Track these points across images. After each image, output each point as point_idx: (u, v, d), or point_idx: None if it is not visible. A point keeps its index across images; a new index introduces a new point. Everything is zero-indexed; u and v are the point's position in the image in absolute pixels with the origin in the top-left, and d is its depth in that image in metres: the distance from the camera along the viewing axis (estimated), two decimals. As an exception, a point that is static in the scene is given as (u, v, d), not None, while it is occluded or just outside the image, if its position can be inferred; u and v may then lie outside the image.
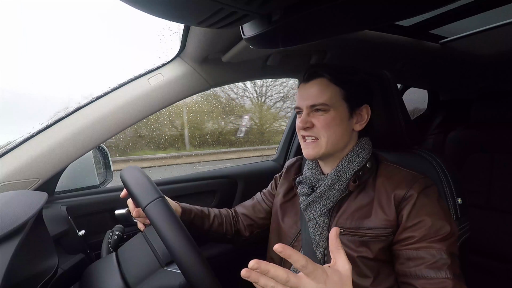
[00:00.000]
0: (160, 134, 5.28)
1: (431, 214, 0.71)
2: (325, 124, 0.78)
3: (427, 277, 0.66)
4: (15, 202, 0.63)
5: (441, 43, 1.31)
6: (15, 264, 0.50)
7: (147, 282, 0.68)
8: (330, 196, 0.80)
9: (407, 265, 0.70)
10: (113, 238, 0.91)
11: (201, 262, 0.55)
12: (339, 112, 0.79)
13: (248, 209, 1.05)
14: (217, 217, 1.00)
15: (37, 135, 0.91)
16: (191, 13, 0.51)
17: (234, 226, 1.02)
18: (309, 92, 0.81)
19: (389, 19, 0.48)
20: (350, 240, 0.76)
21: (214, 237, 1.00)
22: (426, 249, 0.68)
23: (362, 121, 0.83)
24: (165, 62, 1.07)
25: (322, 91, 0.79)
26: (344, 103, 0.80)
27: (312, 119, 0.80)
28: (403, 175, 0.78)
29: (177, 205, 0.91)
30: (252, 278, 0.46)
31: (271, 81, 6.67)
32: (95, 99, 0.98)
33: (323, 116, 0.79)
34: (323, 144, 0.79)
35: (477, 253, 1.51)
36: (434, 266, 0.66)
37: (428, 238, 0.69)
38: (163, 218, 0.59)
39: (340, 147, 0.82)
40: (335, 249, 0.54)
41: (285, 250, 0.47)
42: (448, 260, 0.67)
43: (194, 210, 0.95)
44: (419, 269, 0.67)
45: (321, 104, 0.78)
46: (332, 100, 0.79)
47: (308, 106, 0.80)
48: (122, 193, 0.84)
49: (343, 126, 0.80)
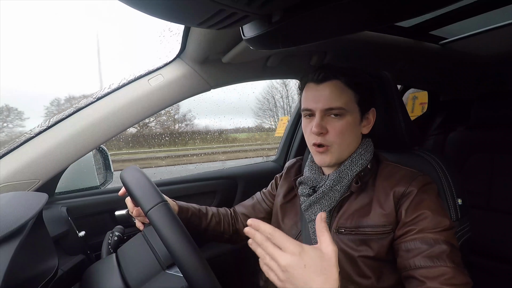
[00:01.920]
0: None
1: (430, 209, 0.71)
2: (340, 131, 0.76)
3: (426, 266, 0.65)
4: (15, 203, 0.63)
5: (441, 44, 1.32)
6: (15, 265, 0.50)
7: (148, 284, 0.68)
8: (332, 196, 0.80)
9: (406, 256, 0.69)
10: (113, 239, 0.91)
11: (204, 268, 0.55)
12: (353, 117, 0.78)
13: (248, 208, 1.05)
14: (214, 216, 0.99)
15: (37, 136, 0.91)
16: (192, 14, 0.51)
17: (232, 226, 1.02)
18: (323, 95, 0.77)
19: (389, 20, 0.48)
20: (351, 239, 0.76)
21: (212, 236, 0.99)
22: (423, 239, 0.68)
23: (369, 125, 0.83)
24: (166, 63, 1.07)
25: (339, 95, 0.76)
26: (357, 108, 0.79)
27: (327, 124, 0.77)
28: (402, 173, 0.78)
29: (174, 203, 0.90)
30: (250, 233, 0.54)
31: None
32: (95, 100, 0.98)
33: (338, 122, 0.76)
34: (335, 152, 0.78)
35: (477, 254, 1.50)
36: (431, 255, 0.65)
37: (427, 230, 0.69)
38: (166, 224, 0.59)
39: (350, 152, 0.81)
40: (320, 231, 0.54)
41: (254, 223, 0.54)
42: (446, 249, 0.65)
43: (191, 208, 0.94)
44: (417, 259, 0.66)
45: (339, 108, 0.76)
46: (348, 105, 0.77)
47: (323, 110, 0.77)
48: (120, 191, 0.84)
49: (355, 131, 0.79)
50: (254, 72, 1.20)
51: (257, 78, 1.31)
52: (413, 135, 0.93)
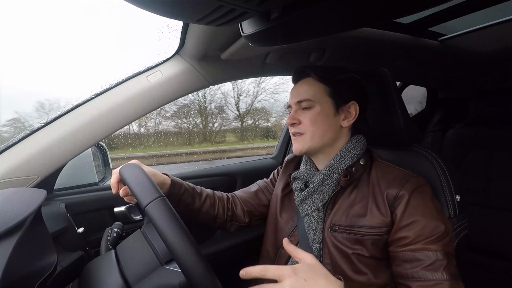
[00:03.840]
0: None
1: (425, 215, 0.71)
2: (310, 119, 0.82)
3: (424, 279, 0.67)
4: (13, 199, 0.63)
5: (440, 41, 1.31)
6: (14, 261, 0.50)
7: (147, 280, 0.68)
8: (323, 191, 0.81)
9: (404, 267, 0.70)
10: (112, 236, 0.91)
11: (201, 261, 0.55)
12: (324, 108, 0.82)
13: (250, 195, 1.04)
14: (209, 197, 0.96)
15: (36, 132, 0.91)
16: (190, 10, 0.51)
17: (228, 210, 0.98)
18: (298, 91, 0.86)
19: (388, 17, 0.48)
20: (345, 237, 0.77)
21: (204, 219, 0.95)
22: (422, 251, 0.69)
23: (349, 118, 0.85)
24: (164, 60, 1.06)
25: (308, 89, 0.84)
26: (330, 100, 0.83)
27: (299, 116, 0.84)
28: (395, 174, 0.79)
29: (167, 177, 0.87)
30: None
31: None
32: (94, 96, 0.97)
33: (308, 111, 0.83)
34: (308, 139, 0.82)
35: (474, 251, 1.51)
36: (430, 268, 0.67)
37: (423, 239, 0.69)
38: (163, 218, 0.59)
39: (326, 142, 0.83)
40: (293, 251, 0.64)
41: (245, 274, 0.59)
42: (444, 261, 0.67)
43: (184, 185, 0.91)
44: (415, 271, 0.68)
45: (306, 100, 0.82)
46: (316, 96, 0.82)
47: (295, 103, 0.85)
48: (121, 192, 0.80)
49: (328, 121, 0.82)
50: (253, 69, 1.20)
51: (256, 75, 1.31)
52: (411, 132, 0.93)
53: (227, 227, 1.00)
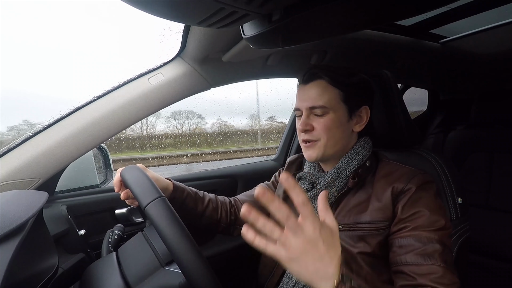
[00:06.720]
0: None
1: (428, 208, 0.71)
2: (324, 127, 0.79)
3: (417, 263, 0.66)
4: (15, 201, 0.63)
5: (442, 43, 1.31)
6: (16, 263, 0.50)
7: (147, 281, 0.68)
8: (330, 192, 0.81)
9: (398, 252, 0.69)
10: (113, 238, 0.91)
11: (201, 261, 0.55)
12: (338, 114, 0.80)
13: (253, 198, 1.02)
14: (212, 202, 0.95)
15: (38, 135, 0.91)
16: (192, 12, 0.51)
17: (231, 214, 0.98)
18: (308, 94, 0.81)
19: (389, 19, 0.48)
20: (348, 235, 0.77)
21: (207, 223, 0.94)
22: (417, 237, 0.68)
23: (361, 122, 0.84)
24: (166, 62, 1.07)
25: (321, 94, 0.79)
26: (343, 105, 0.80)
27: (312, 122, 0.81)
28: (403, 171, 0.78)
29: (169, 182, 0.86)
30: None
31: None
32: (95, 98, 0.98)
33: (322, 118, 0.80)
34: (322, 146, 0.80)
35: (476, 253, 1.50)
36: (423, 253, 0.66)
37: (422, 228, 0.69)
38: (163, 218, 0.59)
39: (339, 149, 0.82)
40: (324, 209, 0.51)
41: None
42: (439, 248, 0.66)
43: (187, 189, 0.90)
44: (409, 256, 0.67)
45: (321, 107, 0.79)
46: (331, 103, 0.79)
47: (307, 108, 0.81)
48: (122, 195, 0.80)
49: (342, 128, 0.81)
50: (254, 71, 1.20)
51: (257, 77, 1.31)
52: (413, 133, 0.93)
53: (230, 231, 1.00)
